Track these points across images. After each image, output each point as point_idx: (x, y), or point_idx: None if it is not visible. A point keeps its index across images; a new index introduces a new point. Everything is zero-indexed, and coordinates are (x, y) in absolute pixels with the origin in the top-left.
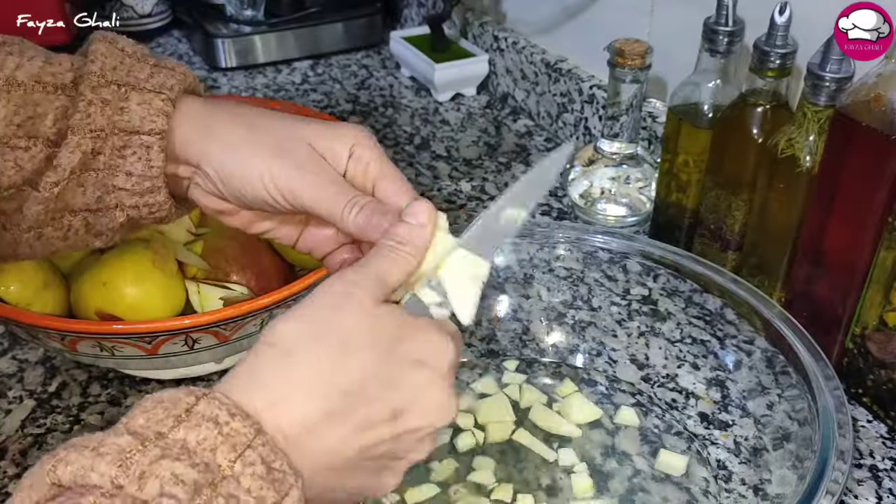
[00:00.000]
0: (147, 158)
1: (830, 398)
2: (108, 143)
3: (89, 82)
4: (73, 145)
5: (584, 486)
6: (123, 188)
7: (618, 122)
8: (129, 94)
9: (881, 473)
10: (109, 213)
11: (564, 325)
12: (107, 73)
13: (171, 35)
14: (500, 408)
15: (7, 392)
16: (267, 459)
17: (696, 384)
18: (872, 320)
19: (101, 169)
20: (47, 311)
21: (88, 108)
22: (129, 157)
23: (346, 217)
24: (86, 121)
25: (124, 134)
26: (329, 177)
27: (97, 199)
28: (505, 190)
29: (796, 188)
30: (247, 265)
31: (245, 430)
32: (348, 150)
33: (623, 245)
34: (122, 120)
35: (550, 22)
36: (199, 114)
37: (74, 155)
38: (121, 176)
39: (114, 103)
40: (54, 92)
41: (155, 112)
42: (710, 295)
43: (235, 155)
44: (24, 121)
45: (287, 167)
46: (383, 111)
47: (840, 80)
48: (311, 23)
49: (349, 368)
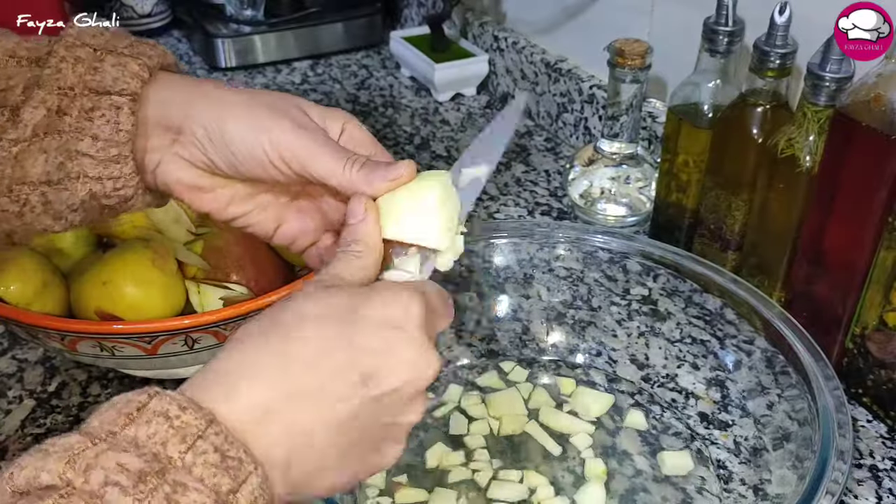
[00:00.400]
0: (116, 121)
1: (830, 398)
2: (75, 103)
3: (65, 42)
4: (37, 100)
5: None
6: (87, 153)
7: (618, 122)
8: (104, 57)
9: (881, 473)
10: (71, 184)
11: (564, 325)
12: (84, 37)
13: (171, 35)
14: (512, 401)
15: (7, 392)
16: (221, 448)
17: (696, 384)
18: (872, 320)
19: (66, 131)
20: (47, 311)
21: (60, 64)
22: (96, 120)
23: (347, 172)
24: (55, 76)
25: (94, 95)
26: (325, 138)
27: (59, 165)
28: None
29: (796, 188)
30: (247, 265)
31: (196, 422)
32: (340, 126)
33: (623, 245)
34: (93, 80)
35: (550, 22)
36: (180, 83)
37: (38, 111)
38: (86, 140)
39: (87, 62)
40: (28, 65)
41: (129, 74)
42: (710, 295)
43: (233, 112)
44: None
45: (284, 128)
46: (383, 111)
47: (840, 80)
48: (311, 23)
49: (302, 344)
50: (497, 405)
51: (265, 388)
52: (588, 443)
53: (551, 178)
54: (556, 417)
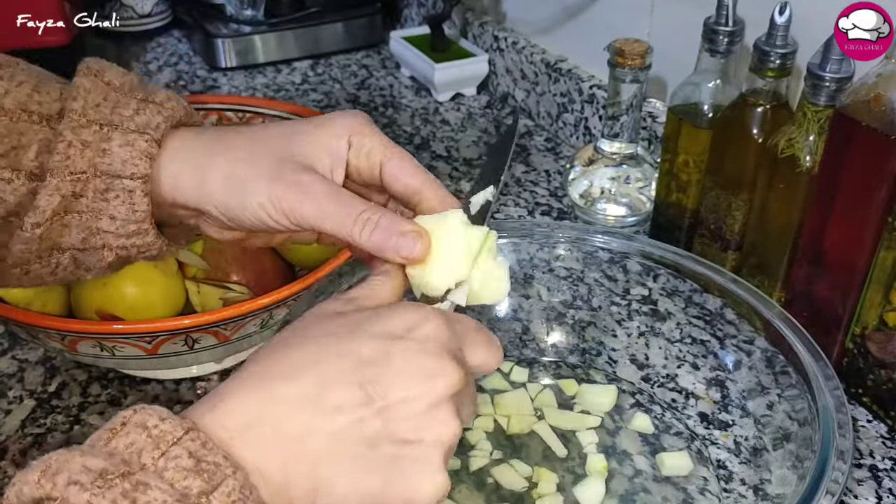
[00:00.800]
0: (130, 202)
1: (830, 398)
2: (89, 185)
3: (69, 121)
4: (51, 188)
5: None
6: (108, 231)
7: (618, 122)
8: (111, 135)
9: (881, 473)
10: (97, 252)
11: (564, 325)
12: (88, 112)
13: (171, 35)
14: (520, 401)
15: (7, 392)
16: (197, 454)
17: (696, 384)
18: (872, 320)
19: (85, 211)
20: (47, 311)
21: (68, 149)
22: (112, 201)
23: (358, 237)
24: (65, 163)
25: (106, 177)
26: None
27: (82, 240)
28: None
29: (796, 188)
30: (247, 265)
31: (173, 430)
32: (346, 142)
33: (623, 245)
34: (103, 162)
35: (550, 22)
36: (190, 151)
37: (53, 198)
38: (104, 219)
39: (95, 145)
40: (39, 122)
41: (138, 154)
42: (710, 295)
43: (235, 193)
44: (7, 150)
45: (289, 197)
46: (383, 111)
47: (840, 80)
48: (311, 23)
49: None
50: (505, 405)
51: (252, 396)
52: (593, 440)
53: (551, 178)
54: (563, 417)
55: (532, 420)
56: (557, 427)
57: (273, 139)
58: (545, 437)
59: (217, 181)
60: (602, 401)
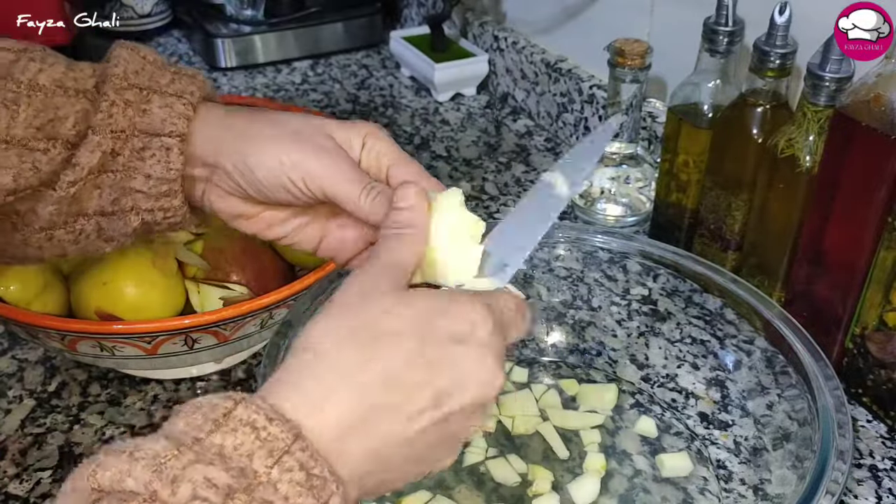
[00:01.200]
0: (166, 160)
1: (830, 398)
2: (128, 144)
3: (112, 84)
4: (93, 144)
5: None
6: (140, 191)
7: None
8: (150, 97)
9: (881, 473)
10: (124, 216)
11: (564, 325)
12: (129, 77)
13: (171, 35)
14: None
15: (7, 392)
16: (306, 465)
17: (696, 384)
18: (872, 320)
19: (119, 170)
20: (47, 311)
21: (111, 108)
22: (148, 160)
23: (363, 201)
24: (107, 121)
25: (145, 136)
26: (346, 163)
27: (113, 201)
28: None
29: (796, 188)
30: (247, 265)
31: (283, 436)
32: (361, 140)
33: (623, 245)
34: (143, 122)
35: (550, 22)
36: (217, 116)
37: (94, 154)
38: (139, 178)
39: (136, 105)
40: (75, 96)
41: (176, 115)
42: (710, 295)
43: (256, 146)
44: (43, 123)
45: (306, 153)
46: (383, 111)
47: (840, 80)
48: (311, 23)
49: (384, 360)
50: (509, 406)
51: (349, 404)
52: (595, 440)
53: None
54: (567, 416)
55: (537, 421)
56: (561, 427)
57: (298, 115)
58: (549, 438)
59: (240, 136)
60: (603, 400)
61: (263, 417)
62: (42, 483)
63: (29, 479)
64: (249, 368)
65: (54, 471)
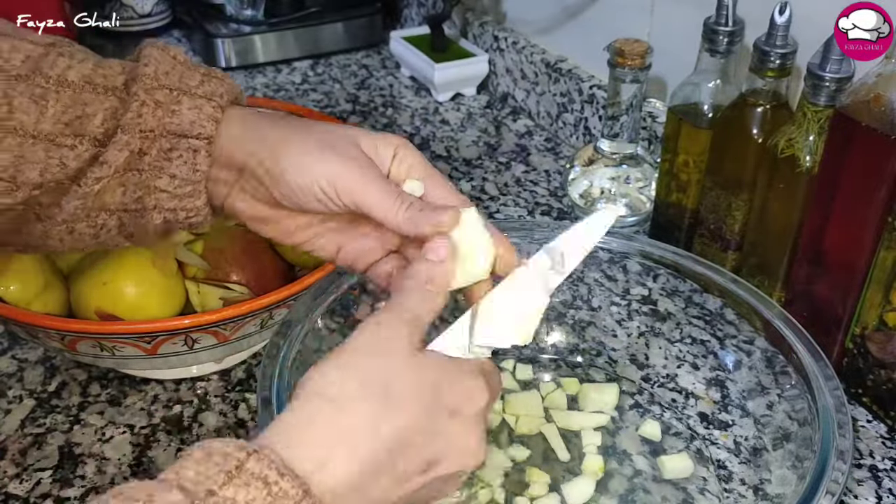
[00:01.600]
0: (193, 162)
1: (830, 398)
2: (155, 144)
3: (143, 84)
4: (121, 143)
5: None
6: (165, 190)
7: (618, 122)
8: (180, 98)
9: (881, 473)
10: (147, 214)
11: (564, 325)
12: (160, 77)
13: (171, 35)
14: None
15: (7, 391)
16: None
17: (696, 384)
18: (872, 320)
19: (146, 169)
20: (47, 311)
21: (141, 108)
22: (174, 160)
23: (398, 213)
24: (137, 120)
25: (173, 136)
26: (376, 173)
27: (136, 199)
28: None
29: (796, 188)
30: (247, 265)
31: (293, 492)
32: (392, 151)
33: (623, 245)
34: (172, 122)
35: (550, 22)
36: (246, 119)
37: (122, 153)
38: (164, 178)
39: (166, 106)
40: (104, 93)
41: (205, 117)
42: (710, 295)
43: (288, 151)
44: (72, 119)
45: (338, 163)
46: (383, 111)
47: (840, 80)
48: (311, 23)
49: (395, 425)
50: (515, 404)
51: (356, 465)
52: (595, 441)
53: (551, 178)
54: (571, 417)
55: (541, 422)
56: (566, 428)
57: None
58: (550, 440)
59: (272, 141)
60: (604, 400)
61: (275, 472)
62: (42, 483)
63: (29, 479)
64: (249, 368)
65: (54, 471)
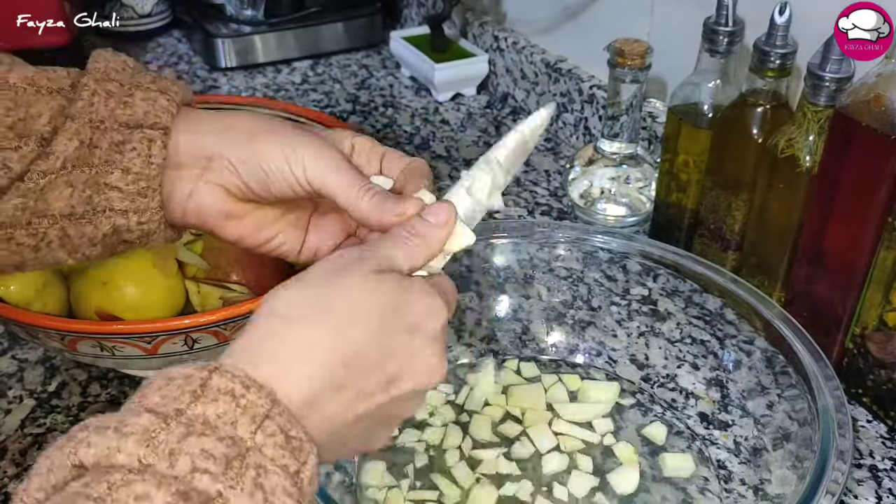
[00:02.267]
0: (148, 154)
1: (830, 398)
2: (106, 136)
3: (93, 76)
4: (70, 132)
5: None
6: (116, 187)
7: (618, 122)
8: (132, 92)
9: (881, 473)
10: (95, 218)
11: (564, 325)
12: (110, 73)
13: (171, 35)
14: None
15: (7, 392)
16: (284, 429)
17: (696, 384)
18: (872, 320)
19: (96, 164)
20: (47, 311)
21: (92, 97)
22: (127, 153)
23: (361, 198)
24: (87, 109)
25: (125, 128)
26: (345, 163)
27: (85, 199)
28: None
29: (796, 188)
30: (247, 265)
31: (261, 402)
32: (350, 143)
33: (623, 245)
34: (124, 114)
35: (550, 22)
36: (202, 115)
37: (71, 143)
38: (116, 173)
39: (118, 96)
40: (49, 94)
41: (160, 108)
42: (710, 295)
43: (258, 139)
44: (14, 122)
45: (307, 152)
46: (383, 111)
47: (840, 80)
48: (311, 23)
49: (351, 339)
50: (518, 397)
51: (315, 377)
52: (610, 426)
53: (551, 178)
54: (573, 408)
55: (547, 416)
56: (571, 420)
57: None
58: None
59: (241, 130)
60: (605, 398)
61: (240, 385)
62: None
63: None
64: None
65: None
